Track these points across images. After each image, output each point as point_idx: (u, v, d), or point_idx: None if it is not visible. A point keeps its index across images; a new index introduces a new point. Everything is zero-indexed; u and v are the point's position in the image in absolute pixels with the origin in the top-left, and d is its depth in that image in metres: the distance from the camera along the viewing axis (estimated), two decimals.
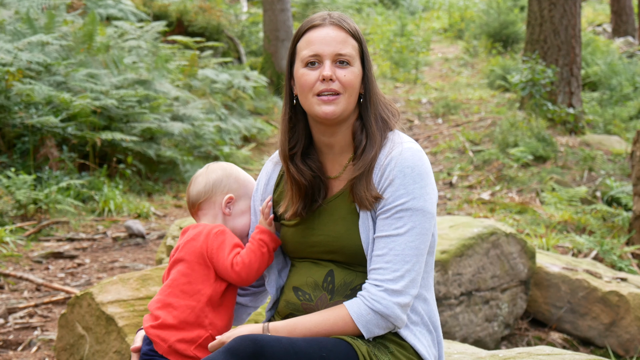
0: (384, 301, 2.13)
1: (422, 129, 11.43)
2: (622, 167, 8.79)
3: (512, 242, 4.93)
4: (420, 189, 2.17)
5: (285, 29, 12.56)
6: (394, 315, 2.14)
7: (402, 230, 2.15)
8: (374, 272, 2.16)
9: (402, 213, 2.16)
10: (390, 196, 2.17)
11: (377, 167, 2.21)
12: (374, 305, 2.13)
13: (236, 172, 2.43)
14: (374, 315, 2.14)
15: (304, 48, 2.23)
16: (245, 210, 2.42)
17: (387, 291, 2.13)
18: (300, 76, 2.22)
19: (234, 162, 9.51)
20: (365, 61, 2.26)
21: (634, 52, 14.55)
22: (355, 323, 2.14)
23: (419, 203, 2.16)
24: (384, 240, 2.17)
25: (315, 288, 2.26)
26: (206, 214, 2.39)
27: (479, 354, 2.99)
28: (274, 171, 2.42)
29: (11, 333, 4.73)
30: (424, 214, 2.17)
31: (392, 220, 2.16)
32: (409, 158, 2.18)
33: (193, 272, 2.28)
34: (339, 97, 2.19)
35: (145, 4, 13.51)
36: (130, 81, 8.79)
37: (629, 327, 4.94)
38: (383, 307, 2.13)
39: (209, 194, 2.38)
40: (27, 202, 6.72)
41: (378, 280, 2.15)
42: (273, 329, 2.14)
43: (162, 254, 5.04)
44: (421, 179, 2.17)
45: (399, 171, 2.17)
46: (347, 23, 2.24)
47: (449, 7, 21.44)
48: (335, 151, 2.30)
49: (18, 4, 9.29)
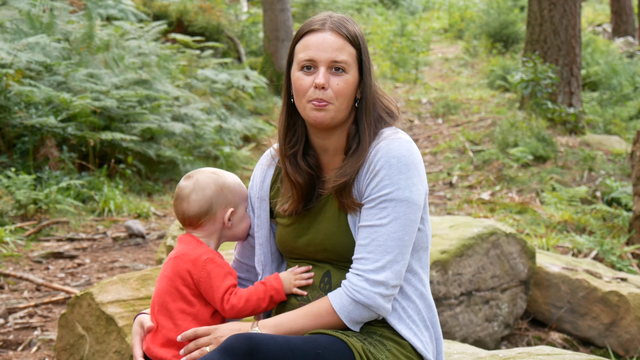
0: (365, 291, 2.13)
1: (422, 129, 11.43)
2: (622, 167, 8.79)
3: (512, 242, 4.92)
4: (407, 180, 2.15)
5: (285, 29, 12.56)
6: (375, 305, 2.14)
7: (385, 220, 2.15)
8: (357, 262, 2.17)
9: (387, 203, 2.15)
10: (375, 186, 2.17)
11: (365, 160, 2.21)
12: (354, 296, 2.14)
13: (226, 182, 2.34)
14: (355, 305, 2.14)
15: (300, 51, 2.22)
16: (243, 215, 2.39)
17: (369, 281, 2.13)
18: (295, 79, 2.22)
19: (233, 162, 9.52)
20: (363, 67, 2.25)
21: (634, 52, 14.55)
22: (337, 314, 2.15)
23: (404, 194, 2.15)
24: (367, 230, 2.16)
25: (313, 288, 2.27)
26: (205, 229, 2.33)
27: (479, 354, 2.99)
28: (270, 168, 2.41)
29: (11, 333, 4.73)
30: (409, 205, 2.15)
31: (376, 210, 2.16)
32: (396, 149, 2.18)
33: (177, 292, 2.24)
34: (329, 105, 2.19)
35: (145, 4, 13.51)
36: (131, 81, 8.79)
37: (629, 327, 4.94)
38: (364, 298, 2.13)
39: (210, 213, 2.31)
40: (27, 202, 6.72)
41: (360, 270, 2.15)
42: (261, 324, 2.15)
43: (162, 254, 5.04)
44: (407, 170, 2.16)
45: (385, 162, 2.16)
46: (347, 28, 2.22)
47: (449, 7, 21.45)
48: (330, 153, 2.30)
49: (20, 3, 9.29)
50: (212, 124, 9.46)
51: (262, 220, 2.40)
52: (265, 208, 2.40)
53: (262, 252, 2.39)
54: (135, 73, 8.99)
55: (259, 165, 2.45)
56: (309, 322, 2.16)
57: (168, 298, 2.24)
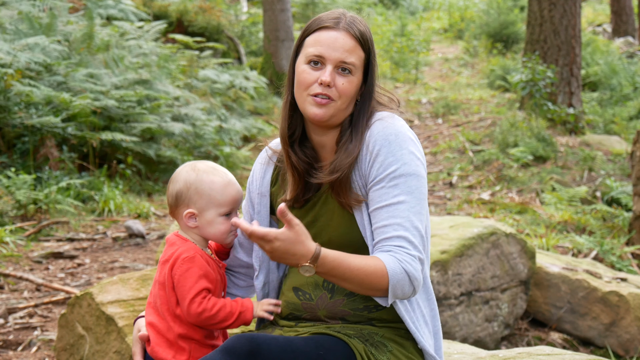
0: (414, 264, 2.10)
1: (422, 129, 11.43)
2: (622, 167, 8.79)
3: (512, 242, 4.92)
4: (409, 154, 2.15)
5: (285, 29, 12.56)
6: (418, 279, 2.11)
7: (402, 197, 2.13)
8: (390, 241, 2.11)
9: (397, 180, 2.13)
10: (380, 166, 2.15)
11: (362, 146, 2.19)
12: (406, 267, 2.09)
13: (200, 182, 2.24)
14: (404, 275, 2.09)
15: (310, 45, 2.22)
16: (212, 220, 2.26)
17: (411, 256, 2.10)
18: (300, 72, 2.22)
19: (233, 162, 9.52)
20: (370, 71, 2.25)
21: (634, 52, 14.55)
22: (389, 279, 2.08)
23: (411, 168, 2.14)
24: (386, 210, 2.13)
25: (316, 287, 2.26)
26: (179, 223, 2.31)
27: (479, 354, 2.99)
28: (269, 166, 2.41)
29: (11, 333, 4.73)
30: (417, 178, 2.15)
31: (388, 189, 2.14)
32: (391, 126, 2.17)
33: (167, 296, 2.23)
34: (331, 103, 2.19)
35: (145, 4, 13.52)
36: (131, 81, 8.79)
37: (629, 327, 4.94)
38: (413, 270, 2.09)
39: (174, 205, 2.28)
40: (27, 202, 6.72)
41: (398, 248, 2.10)
42: (324, 254, 2.04)
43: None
44: (407, 144, 2.16)
45: (384, 139, 2.16)
46: (360, 30, 2.22)
47: (449, 7, 21.45)
48: (328, 150, 2.30)
49: (20, 4, 9.30)
50: (212, 124, 9.46)
51: (262, 217, 2.39)
52: (265, 204, 2.39)
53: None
54: (135, 73, 8.99)
55: (257, 163, 2.44)
56: (360, 275, 2.07)
57: (159, 301, 2.25)
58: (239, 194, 2.29)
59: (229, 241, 2.31)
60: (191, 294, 2.15)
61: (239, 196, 2.28)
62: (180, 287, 2.17)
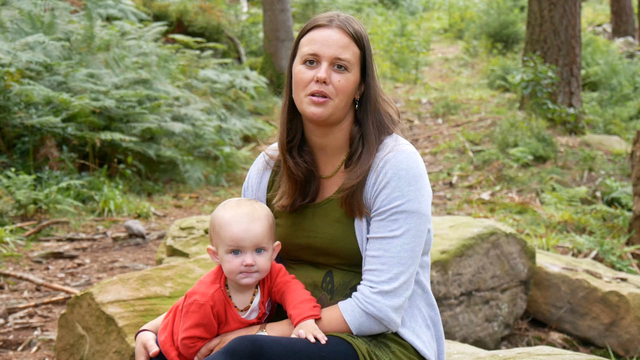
0: (378, 304, 2.13)
1: (422, 129, 11.43)
2: (622, 167, 8.79)
3: (512, 242, 4.92)
4: (415, 192, 2.17)
5: (285, 29, 12.56)
6: (387, 319, 2.15)
7: (398, 232, 2.15)
8: (369, 274, 2.17)
9: (398, 215, 2.16)
10: (385, 198, 2.17)
11: (372, 170, 2.21)
12: (367, 308, 2.14)
13: (213, 218, 2.26)
14: (367, 318, 2.14)
15: (305, 45, 2.23)
16: (223, 257, 2.22)
17: (381, 293, 2.13)
18: (297, 72, 2.23)
19: (233, 162, 9.52)
20: (366, 68, 2.26)
21: (634, 52, 14.56)
22: (348, 326, 2.15)
23: (414, 205, 2.16)
24: (379, 242, 2.17)
25: (315, 288, 2.27)
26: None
27: (479, 354, 2.99)
28: (266, 171, 2.42)
29: (11, 333, 4.73)
30: (419, 216, 2.17)
31: (387, 222, 2.17)
32: (404, 160, 2.19)
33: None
34: (328, 101, 2.19)
35: (145, 4, 13.52)
36: (131, 81, 8.79)
37: (629, 327, 4.94)
38: (376, 310, 2.13)
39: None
40: (27, 202, 6.72)
41: (373, 282, 2.15)
42: (269, 327, 2.17)
43: (162, 254, 5.05)
44: (416, 181, 2.17)
45: (394, 173, 2.17)
46: (353, 28, 2.24)
47: (449, 7, 21.46)
48: (328, 152, 2.31)
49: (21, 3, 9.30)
50: (212, 124, 9.46)
51: None
52: None
53: None
54: (135, 73, 8.99)
55: (254, 168, 2.45)
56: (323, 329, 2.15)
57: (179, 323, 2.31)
58: (243, 232, 2.18)
59: (242, 283, 2.21)
60: (183, 334, 2.22)
61: (242, 234, 2.18)
62: (181, 322, 2.24)
